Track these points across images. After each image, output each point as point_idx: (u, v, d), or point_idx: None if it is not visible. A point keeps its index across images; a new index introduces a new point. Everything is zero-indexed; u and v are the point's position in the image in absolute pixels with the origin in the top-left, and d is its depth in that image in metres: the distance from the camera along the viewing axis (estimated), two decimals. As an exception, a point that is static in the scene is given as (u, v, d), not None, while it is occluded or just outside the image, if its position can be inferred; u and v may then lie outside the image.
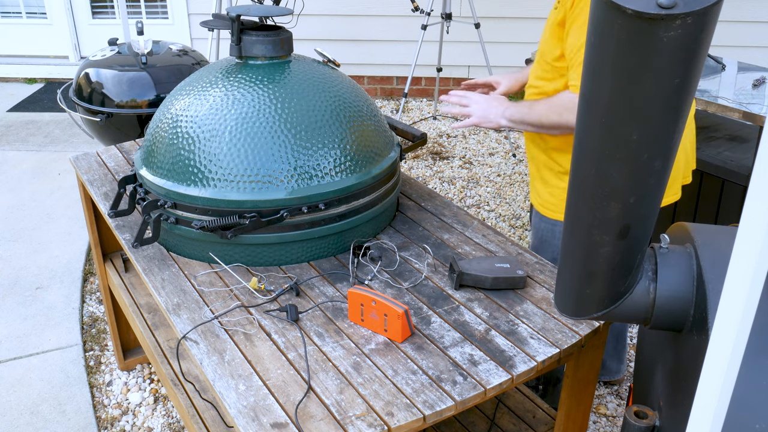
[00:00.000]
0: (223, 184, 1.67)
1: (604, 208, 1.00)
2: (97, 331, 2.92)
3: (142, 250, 1.80)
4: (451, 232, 1.88)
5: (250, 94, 1.73)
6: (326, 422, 1.25)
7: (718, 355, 0.77)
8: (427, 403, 1.29)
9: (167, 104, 1.85)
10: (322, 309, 1.57)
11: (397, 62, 5.38)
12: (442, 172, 4.26)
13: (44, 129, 4.83)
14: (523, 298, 1.60)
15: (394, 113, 5.23)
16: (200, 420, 1.80)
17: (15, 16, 5.70)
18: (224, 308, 1.57)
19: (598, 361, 1.59)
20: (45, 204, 3.85)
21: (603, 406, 2.56)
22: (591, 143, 0.96)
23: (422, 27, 4.36)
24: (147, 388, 2.62)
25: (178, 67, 3.29)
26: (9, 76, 5.70)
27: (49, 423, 2.43)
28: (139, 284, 2.36)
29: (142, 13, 5.61)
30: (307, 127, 1.71)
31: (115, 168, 2.23)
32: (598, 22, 0.85)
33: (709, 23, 0.81)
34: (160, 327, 2.15)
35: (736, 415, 0.95)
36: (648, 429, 1.13)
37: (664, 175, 0.97)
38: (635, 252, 1.07)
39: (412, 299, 1.60)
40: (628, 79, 0.86)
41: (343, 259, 1.76)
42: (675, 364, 1.16)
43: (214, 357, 1.42)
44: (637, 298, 1.14)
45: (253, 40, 1.80)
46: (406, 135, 2.19)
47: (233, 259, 1.73)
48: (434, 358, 1.41)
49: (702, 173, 2.93)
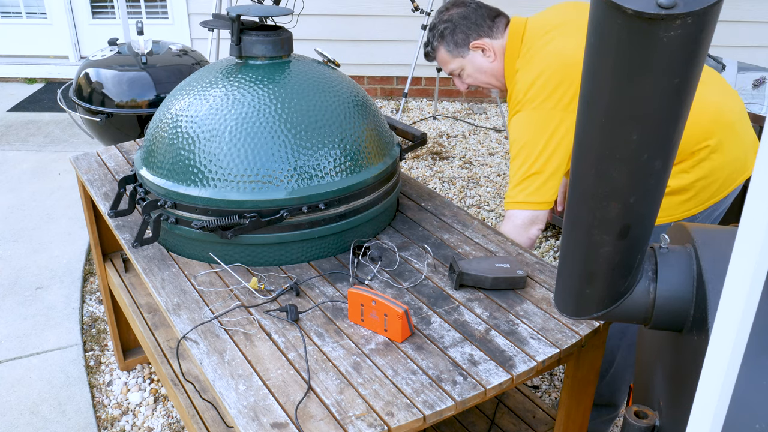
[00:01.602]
0: (223, 184, 1.67)
1: (604, 208, 1.00)
2: (97, 331, 2.92)
3: (142, 250, 1.80)
4: (451, 232, 1.88)
5: (250, 94, 1.73)
6: (326, 422, 1.25)
7: (718, 355, 0.77)
8: (427, 403, 1.29)
9: (167, 104, 1.85)
10: (322, 309, 1.57)
11: (397, 62, 5.38)
12: (442, 172, 4.26)
13: (44, 129, 4.83)
14: (523, 298, 1.60)
15: (394, 113, 5.23)
16: (200, 420, 1.80)
17: (15, 16, 5.70)
18: (224, 308, 1.57)
19: (598, 361, 1.59)
20: (45, 204, 3.85)
21: (603, 406, 2.56)
22: (591, 143, 0.96)
23: (422, 27, 4.36)
24: (147, 388, 2.62)
25: (178, 67, 3.29)
26: (9, 76, 5.70)
27: (49, 423, 2.43)
28: (139, 284, 2.36)
29: (142, 13, 5.61)
30: (307, 127, 1.71)
31: (115, 168, 2.23)
32: (598, 22, 0.85)
33: (709, 23, 0.81)
34: (160, 327, 2.15)
35: (736, 415, 0.95)
36: (648, 429, 1.13)
37: (664, 175, 0.97)
38: (635, 252, 1.07)
39: (412, 299, 1.60)
40: (628, 79, 0.86)
41: (343, 259, 1.76)
42: (675, 364, 1.16)
43: (214, 357, 1.42)
44: (637, 298, 1.14)
45: (253, 40, 1.80)
46: (406, 135, 2.19)
47: (233, 259, 1.73)
48: (434, 358, 1.41)
49: (702, 173, 2.92)
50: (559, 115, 1.81)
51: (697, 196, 1.89)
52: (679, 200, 1.90)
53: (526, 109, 1.85)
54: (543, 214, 1.88)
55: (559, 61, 1.82)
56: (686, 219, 1.93)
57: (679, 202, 1.90)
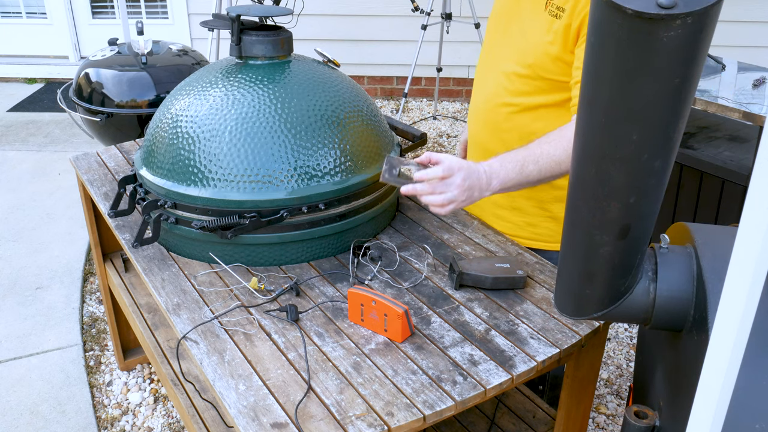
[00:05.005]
0: (223, 184, 1.67)
1: (604, 208, 1.00)
2: (97, 331, 2.92)
3: (142, 250, 1.80)
4: (451, 232, 1.88)
5: (250, 94, 1.73)
6: (326, 422, 1.25)
7: (718, 355, 0.77)
8: (427, 403, 1.29)
9: (167, 104, 1.85)
10: (322, 309, 1.57)
11: (397, 62, 5.38)
12: (442, 172, 4.26)
13: (44, 129, 4.83)
14: (523, 298, 1.60)
15: (394, 113, 5.22)
16: (200, 420, 1.80)
17: (15, 16, 5.70)
18: (224, 308, 1.57)
19: (598, 361, 1.59)
20: (45, 204, 3.85)
21: (603, 406, 2.56)
22: (591, 143, 0.96)
23: (422, 27, 4.36)
24: (147, 388, 2.62)
25: (178, 67, 3.29)
26: (9, 76, 5.70)
27: (49, 423, 2.43)
28: (139, 284, 2.36)
29: (142, 13, 5.61)
30: (307, 127, 1.71)
31: (115, 168, 2.23)
32: (598, 22, 0.85)
33: (709, 23, 0.81)
34: (160, 327, 2.15)
35: (736, 415, 0.95)
36: (648, 429, 1.13)
37: (664, 175, 0.97)
38: (635, 252, 1.07)
39: (412, 299, 1.60)
40: (628, 79, 0.86)
41: (343, 259, 1.76)
42: (675, 364, 1.16)
43: (214, 357, 1.42)
44: (637, 298, 1.14)
45: (253, 40, 1.80)
46: (406, 135, 2.19)
47: (233, 259, 1.73)
48: (434, 358, 1.41)
49: (702, 173, 2.93)
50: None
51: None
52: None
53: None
54: None
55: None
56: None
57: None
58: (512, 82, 1.72)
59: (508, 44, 1.75)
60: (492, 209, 1.92)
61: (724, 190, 2.89)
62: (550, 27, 1.62)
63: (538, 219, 1.86)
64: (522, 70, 1.69)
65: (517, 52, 1.71)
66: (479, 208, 1.95)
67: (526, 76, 1.69)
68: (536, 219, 1.86)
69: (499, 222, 1.92)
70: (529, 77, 1.69)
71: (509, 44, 1.75)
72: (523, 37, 1.70)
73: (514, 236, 1.89)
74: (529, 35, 1.68)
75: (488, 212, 1.94)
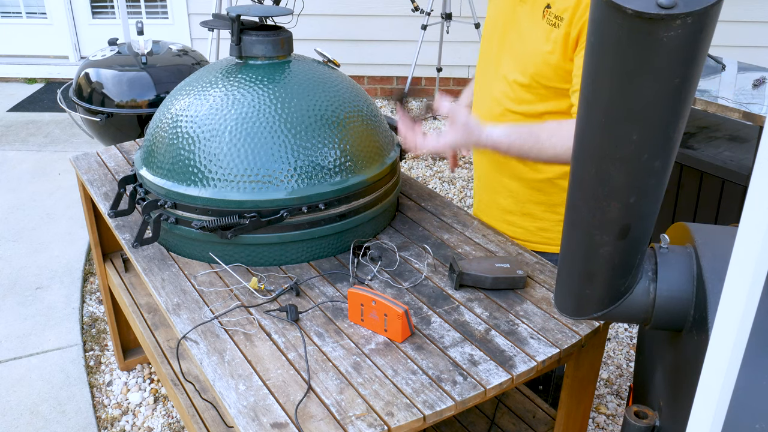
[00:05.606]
0: (223, 184, 1.67)
1: (604, 208, 1.00)
2: (97, 331, 2.92)
3: (142, 250, 1.80)
4: (451, 232, 1.88)
5: (250, 94, 1.73)
6: (326, 422, 1.25)
7: (718, 355, 0.77)
8: (427, 403, 1.29)
9: (167, 104, 1.85)
10: (322, 309, 1.57)
11: (397, 62, 5.38)
12: (442, 172, 4.26)
13: (44, 129, 4.83)
14: (523, 298, 1.60)
15: (394, 113, 5.23)
16: (200, 420, 1.80)
17: (15, 16, 5.70)
18: (224, 308, 1.57)
19: (598, 361, 1.59)
20: (45, 204, 3.85)
21: (603, 406, 2.56)
22: (591, 143, 0.96)
23: (422, 27, 4.36)
24: (147, 388, 2.62)
25: (178, 67, 3.29)
26: (9, 76, 5.70)
27: (49, 423, 2.43)
28: (139, 284, 2.36)
29: (142, 13, 5.61)
30: (307, 127, 1.71)
31: (115, 168, 2.23)
32: (598, 23, 0.85)
33: (709, 23, 0.81)
34: (160, 327, 2.15)
35: (736, 415, 0.95)
36: (648, 429, 1.13)
37: (664, 175, 0.97)
38: (635, 252, 1.07)
39: (412, 299, 1.60)
40: (628, 79, 0.86)
41: (343, 259, 1.76)
42: (675, 364, 1.16)
43: (214, 357, 1.42)
44: (637, 298, 1.14)
45: (253, 40, 1.80)
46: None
47: (233, 259, 1.73)
48: (434, 358, 1.41)
49: (702, 173, 2.93)
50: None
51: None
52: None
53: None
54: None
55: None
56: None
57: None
58: (515, 90, 1.72)
59: (508, 52, 1.74)
60: (502, 215, 1.92)
61: (724, 190, 2.89)
62: (549, 36, 1.61)
63: (550, 223, 1.86)
64: (523, 78, 1.69)
65: (516, 61, 1.71)
66: (489, 215, 1.96)
67: (528, 84, 1.68)
68: (547, 224, 1.86)
69: (511, 228, 1.91)
70: (530, 86, 1.68)
71: (508, 52, 1.74)
72: (521, 45, 1.69)
73: (526, 242, 1.89)
74: (527, 44, 1.67)
75: (498, 219, 1.93)
